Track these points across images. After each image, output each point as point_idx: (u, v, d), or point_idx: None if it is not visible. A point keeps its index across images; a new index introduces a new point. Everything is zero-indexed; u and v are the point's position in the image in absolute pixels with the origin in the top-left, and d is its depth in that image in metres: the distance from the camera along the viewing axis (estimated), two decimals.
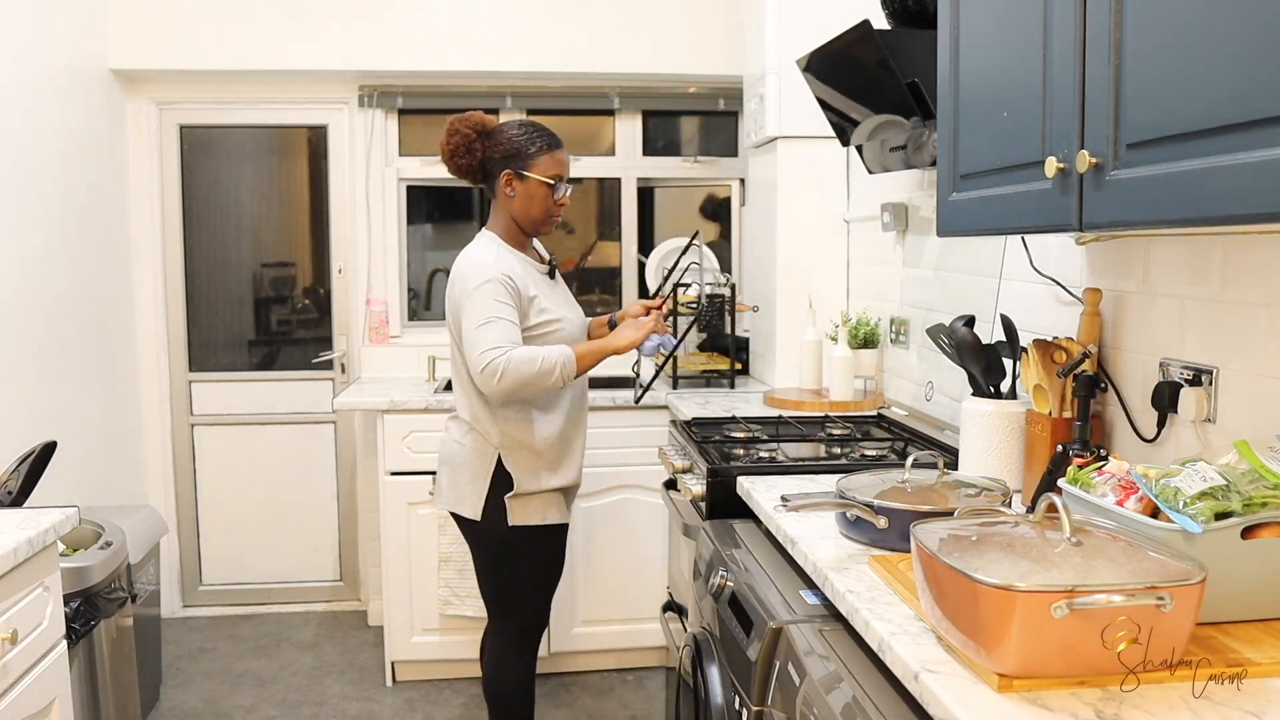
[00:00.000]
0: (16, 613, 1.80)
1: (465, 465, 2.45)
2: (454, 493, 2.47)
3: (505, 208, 2.44)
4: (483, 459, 2.43)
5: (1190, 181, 1.11)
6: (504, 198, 2.42)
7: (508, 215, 2.44)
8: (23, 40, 3.11)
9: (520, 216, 2.44)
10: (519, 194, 2.41)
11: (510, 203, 2.42)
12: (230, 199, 4.07)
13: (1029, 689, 1.09)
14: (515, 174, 2.39)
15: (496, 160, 2.40)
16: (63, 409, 3.30)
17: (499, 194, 2.43)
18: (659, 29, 3.83)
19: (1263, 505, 1.22)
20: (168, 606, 3.97)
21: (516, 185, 2.40)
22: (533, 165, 2.39)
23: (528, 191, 2.41)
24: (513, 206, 2.42)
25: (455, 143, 2.38)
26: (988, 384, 2.03)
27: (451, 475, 2.48)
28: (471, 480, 2.44)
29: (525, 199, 2.41)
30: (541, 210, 2.43)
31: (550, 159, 2.41)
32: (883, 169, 2.65)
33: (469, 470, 2.44)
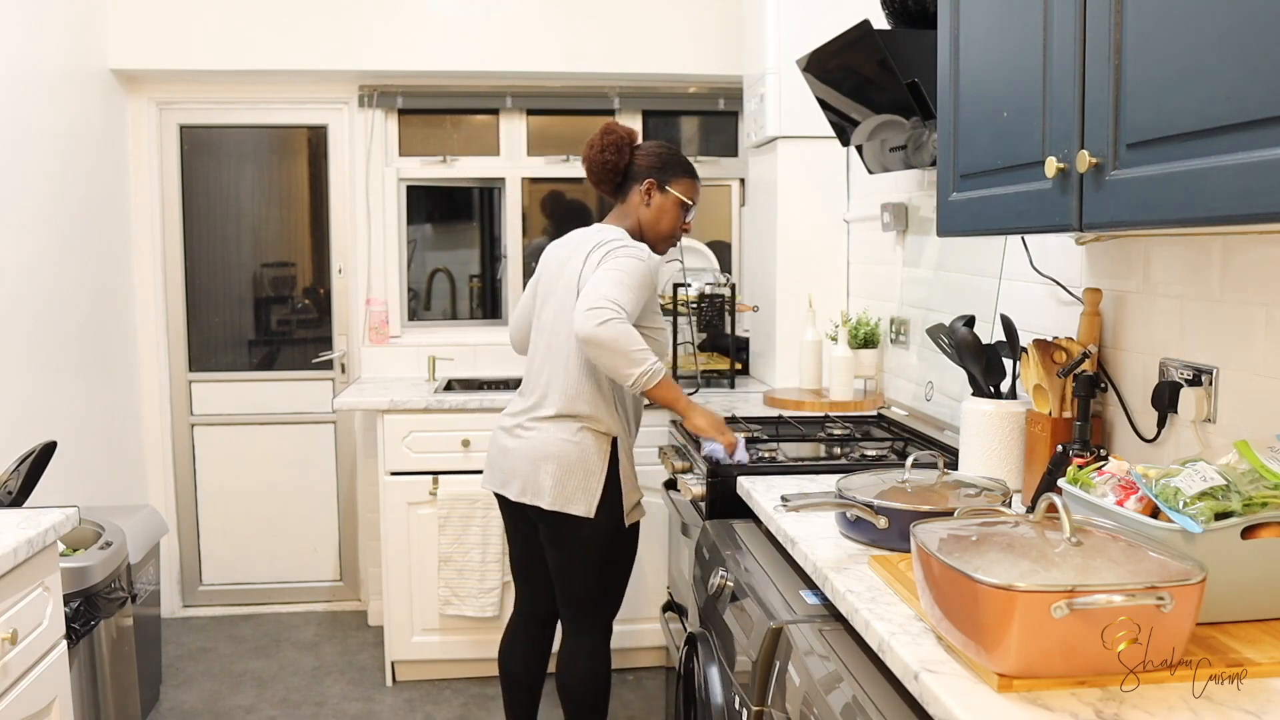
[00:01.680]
0: (16, 613, 1.80)
1: (580, 462, 2.40)
2: (562, 491, 2.40)
3: (634, 214, 2.52)
4: (600, 456, 2.42)
5: (1190, 181, 1.11)
6: (637, 204, 2.52)
7: (635, 222, 2.52)
8: (22, 40, 3.11)
9: (648, 226, 2.52)
10: (654, 205, 2.51)
11: (642, 211, 2.51)
12: (230, 199, 4.07)
13: (1029, 689, 1.09)
14: (657, 185, 2.50)
15: (643, 168, 2.51)
16: (62, 409, 3.30)
17: (632, 199, 2.52)
18: (659, 29, 3.83)
19: (1263, 505, 1.22)
20: (168, 606, 3.97)
21: (655, 196, 2.50)
22: (675, 182, 2.52)
23: (663, 205, 2.51)
24: (644, 215, 2.52)
25: (611, 140, 2.48)
26: (988, 384, 2.03)
27: (561, 473, 2.40)
28: (585, 478, 2.40)
29: (658, 211, 2.51)
30: (669, 227, 2.53)
31: (691, 183, 2.55)
32: (883, 169, 2.65)
33: (583, 469, 2.40)
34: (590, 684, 2.56)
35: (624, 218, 2.54)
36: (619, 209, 2.56)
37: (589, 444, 2.41)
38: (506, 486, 2.50)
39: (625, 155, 2.50)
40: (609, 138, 2.49)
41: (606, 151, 2.49)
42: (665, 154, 2.53)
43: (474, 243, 4.25)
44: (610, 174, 2.52)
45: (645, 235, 2.52)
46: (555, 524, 2.45)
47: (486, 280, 4.24)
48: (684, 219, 2.55)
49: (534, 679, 2.72)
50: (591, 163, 2.51)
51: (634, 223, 2.53)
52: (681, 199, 2.52)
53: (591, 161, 2.51)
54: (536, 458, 2.43)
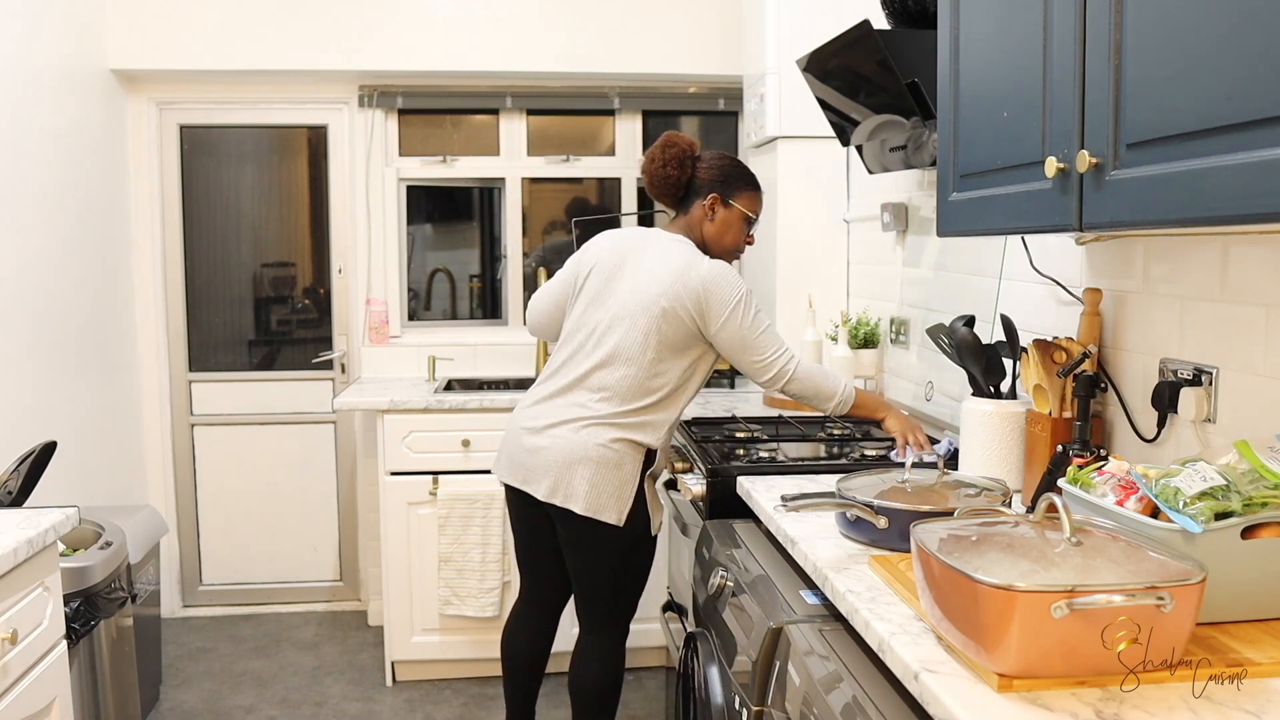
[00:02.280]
0: (16, 613, 1.80)
1: (615, 471, 2.36)
2: (596, 498, 2.36)
3: (697, 228, 2.47)
4: (634, 465, 2.39)
5: (1190, 181, 1.11)
6: (700, 218, 2.46)
7: (698, 236, 2.47)
8: (22, 40, 3.11)
9: (712, 240, 2.47)
10: (719, 219, 2.45)
11: (706, 225, 2.46)
12: (230, 199, 4.07)
13: (1029, 689, 1.09)
14: (721, 199, 2.44)
15: (705, 182, 2.45)
16: (62, 409, 3.30)
17: (695, 214, 2.47)
18: (659, 29, 3.83)
19: (1263, 505, 1.22)
20: (168, 606, 3.97)
21: (719, 210, 2.45)
22: (739, 196, 2.46)
23: (727, 219, 2.46)
24: (708, 229, 2.46)
25: (673, 154, 2.42)
26: (988, 384, 2.03)
27: (597, 480, 2.36)
28: (620, 486, 2.37)
29: (722, 225, 2.46)
30: (734, 241, 2.48)
31: (755, 195, 2.49)
32: (883, 169, 2.65)
33: (618, 477, 2.37)
34: (602, 684, 2.55)
35: (688, 230, 2.48)
36: (681, 220, 2.49)
37: (626, 453, 2.37)
38: (530, 484, 2.43)
39: (688, 169, 2.45)
40: (671, 151, 2.43)
41: (669, 165, 2.43)
42: (729, 166, 2.48)
43: (474, 243, 4.25)
44: (673, 187, 2.46)
45: (709, 249, 2.47)
46: (582, 528, 2.40)
47: (486, 280, 4.24)
48: (747, 232, 2.50)
49: (536, 662, 2.71)
50: (652, 176, 2.45)
51: (698, 236, 2.47)
52: (745, 213, 2.47)
53: (652, 175, 2.45)
54: (572, 460, 2.36)
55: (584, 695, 2.55)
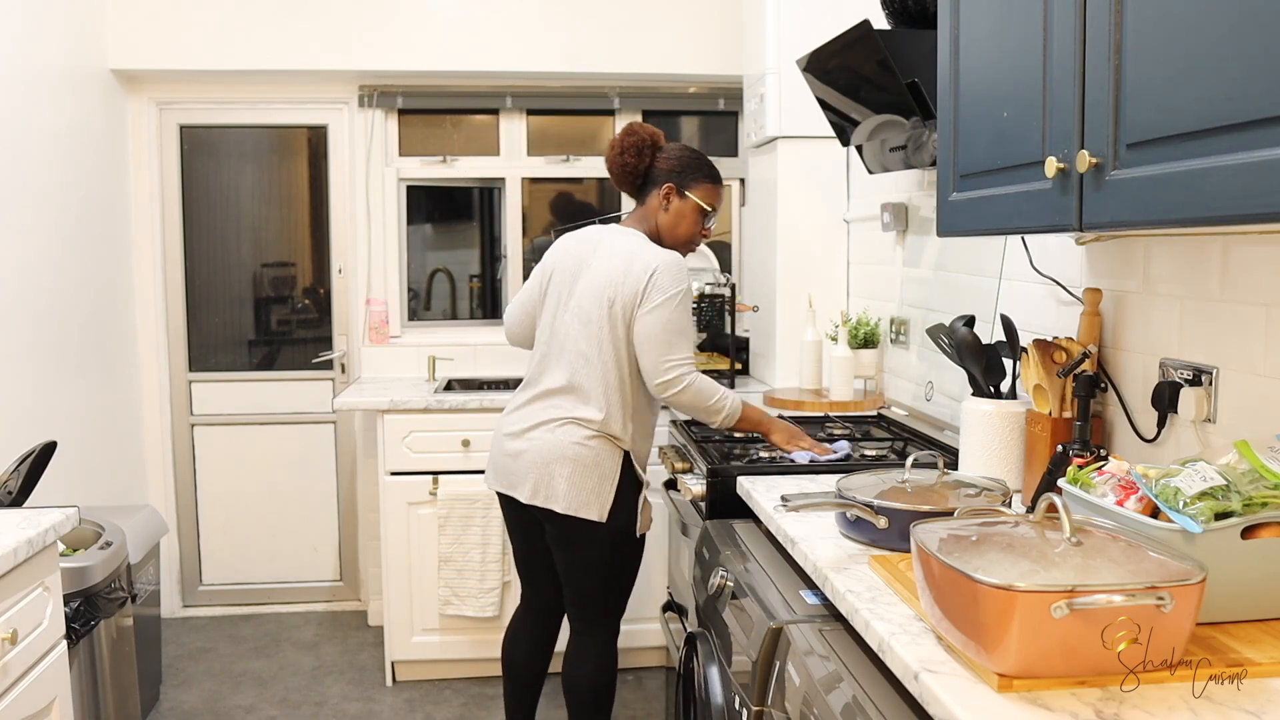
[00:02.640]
0: (16, 613, 1.80)
1: (594, 467, 2.39)
2: (577, 495, 2.39)
3: (652, 218, 2.50)
4: (613, 462, 2.41)
5: (1190, 181, 1.11)
6: (655, 208, 2.49)
7: (653, 226, 2.50)
8: (23, 40, 3.11)
9: (665, 231, 2.49)
10: (673, 209, 2.48)
11: (660, 215, 2.49)
12: (230, 199, 4.07)
13: (1029, 689, 1.09)
14: (676, 189, 2.47)
15: (663, 171, 2.47)
16: (63, 409, 3.30)
17: (651, 203, 2.50)
18: (659, 29, 3.83)
19: (1263, 505, 1.22)
20: (168, 606, 3.97)
21: (674, 200, 2.47)
22: (695, 188, 2.48)
23: (681, 210, 2.48)
24: (662, 219, 2.49)
25: (631, 142, 2.46)
26: (988, 384, 2.03)
27: (575, 478, 2.39)
28: (600, 482, 2.40)
29: (676, 216, 2.48)
30: (687, 232, 2.50)
31: (712, 188, 2.51)
32: (883, 169, 2.65)
33: (597, 473, 2.39)
34: (597, 683, 2.56)
35: (642, 220, 2.52)
36: (638, 211, 2.54)
37: (603, 450, 2.40)
38: (515, 489, 2.47)
39: (646, 158, 2.48)
40: (630, 139, 2.47)
41: (626, 153, 2.46)
42: (687, 157, 2.49)
43: (474, 243, 4.25)
44: (630, 176, 2.50)
45: (663, 240, 2.50)
46: (566, 526, 2.43)
47: (486, 280, 4.24)
48: (703, 225, 2.52)
49: (537, 671, 2.72)
50: (611, 164, 2.50)
51: (652, 227, 2.50)
52: (701, 205, 2.48)
53: (611, 163, 2.50)
54: (549, 460, 2.40)
55: (579, 695, 2.56)
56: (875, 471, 1.82)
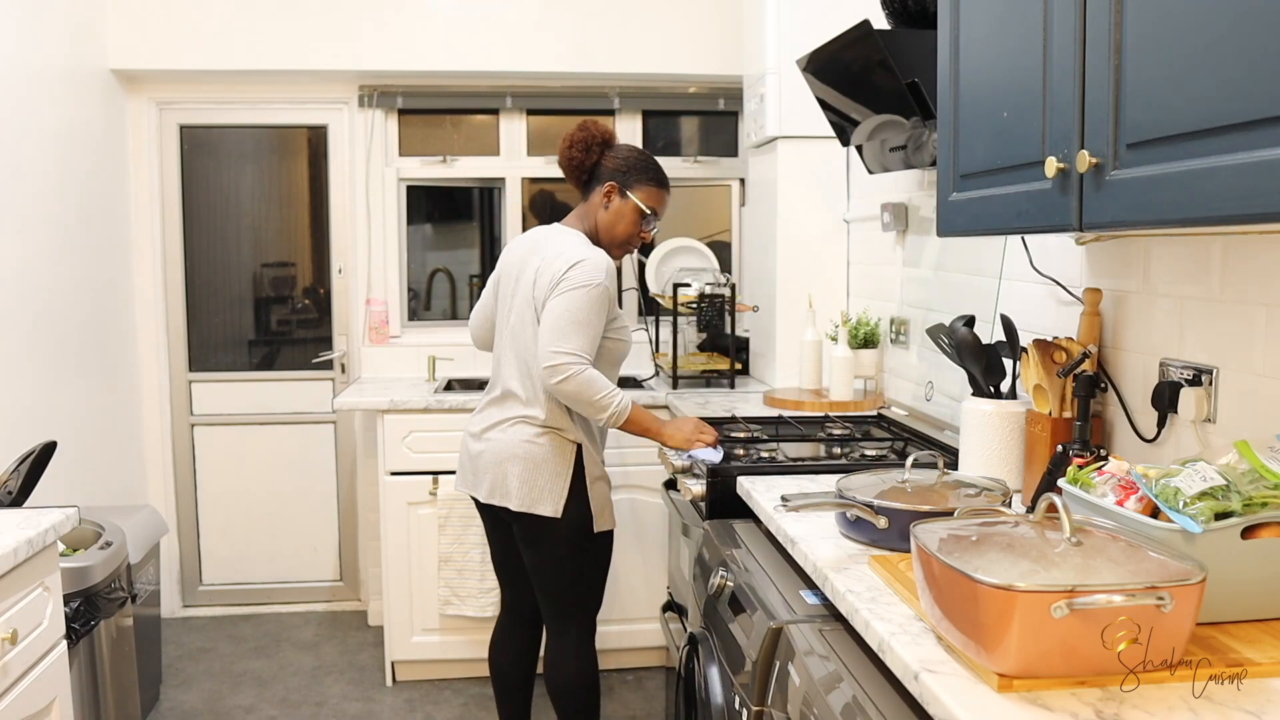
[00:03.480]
0: (16, 613, 1.80)
1: (545, 463, 2.43)
2: (529, 493, 2.43)
3: (592, 215, 2.51)
4: (564, 458, 2.44)
5: (1190, 181, 1.11)
6: (596, 206, 2.50)
7: (592, 224, 2.51)
8: (23, 40, 3.11)
9: (604, 230, 2.50)
10: (612, 209, 2.48)
11: (600, 213, 2.49)
12: (230, 199, 4.07)
13: (1029, 689, 1.09)
14: (618, 189, 2.48)
15: (608, 170, 2.48)
16: (63, 409, 3.30)
17: (592, 200, 2.51)
18: (659, 29, 3.83)
19: (1263, 505, 1.22)
20: (168, 606, 3.97)
21: (614, 199, 2.48)
22: (637, 189, 2.48)
23: (620, 210, 2.48)
24: (601, 217, 2.49)
25: (581, 137, 2.46)
26: (988, 384, 2.03)
27: (526, 475, 2.43)
28: (552, 479, 2.43)
29: (615, 215, 2.49)
30: (625, 233, 2.50)
31: (655, 192, 2.50)
32: (883, 169, 2.65)
33: (549, 469, 2.43)
34: (578, 684, 2.56)
35: (583, 218, 2.53)
36: (580, 208, 2.55)
37: (552, 446, 2.43)
38: (476, 489, 2.54)
39: (594, 155, 2.48)
40: (580, 134, 2.48)
41: (574, 148, 2.47)
42: (634, 158, 2.50)
43: (474, 243, 4.25)
44: (576, 171, 2.50)
45: (600, 238, 2.50)
46: (525, 524, 2.46)
47: (486, 280, 4.24)
48: (643, 227, 2.52)
49: (524, 676, 2.73)
50: (560, 157, 2.51)
51: (591, 224, 2.51)
52: (642, 206, 2.49)
53: (560, 156, 2.51)
54: (502, 459, 2.45)
55: (563, 699, 2.58)
56: (876, 471, 1.82)
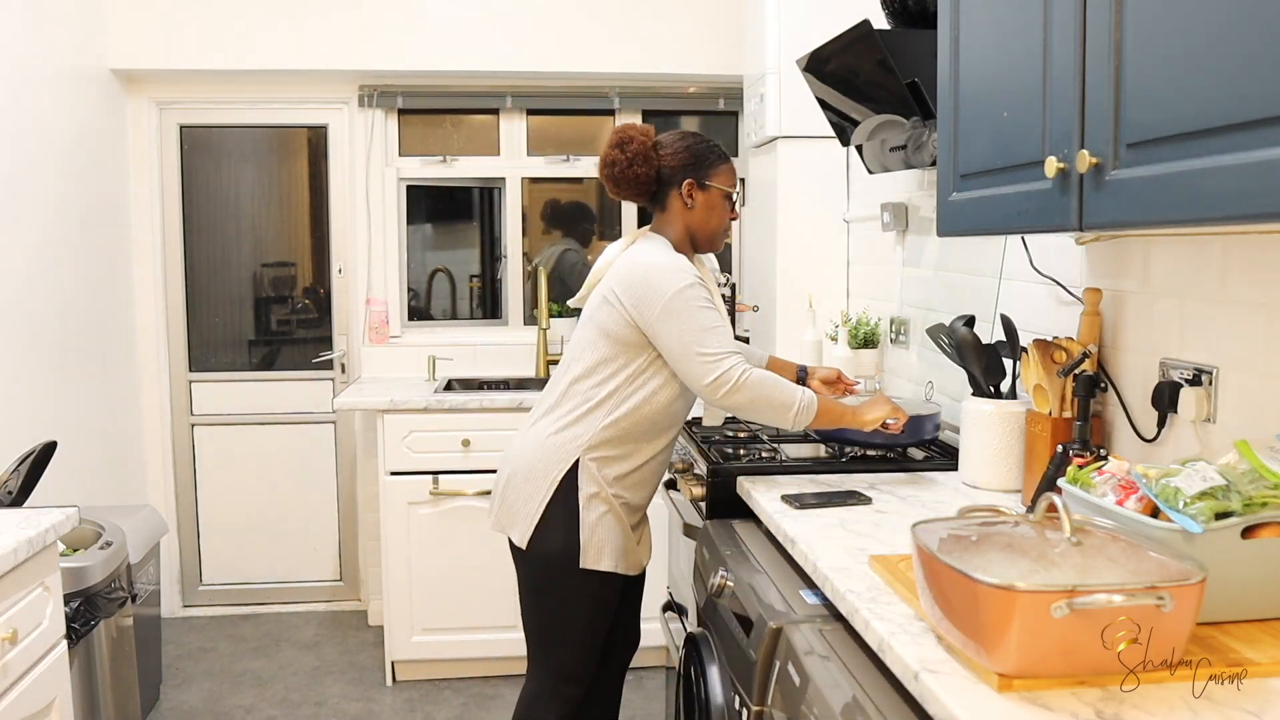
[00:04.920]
0: (16, 613, 1.80)
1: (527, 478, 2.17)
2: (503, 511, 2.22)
3: (681, 220, 2.24)
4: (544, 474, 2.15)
5: (1190, 181, 1.11)
6: (680, 209, 2.23)
7: (683, 227, 2.24)
8: (23, 40, 3.11)
9: (700, 228, 2.25)
10: (700, 205, 2.22)
11: (689, 214, 2.23)
12: (230, 199, 4.07)
13: (1029, 689, 1.09)
14: (697, 183, 2.22)
15: (676, 170, 2.22)
16: (63, 409, 3.30)
17: (673, 206, 2.23)
18: (659, 29, 3.83)
19: (1263, 505, 1.22)
20: (168, 606, 3.97)
21: (698, 196, 2.22)
22: (714, 175, 2.24)
23: (710, 202, 2.23)
24: (692, 218, 2.23)
25: (634, 151, 2.19)
26: (988, 384, 2.03)
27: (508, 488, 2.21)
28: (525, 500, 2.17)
29: (707, 210, 2.23)
30: (719, 222, 2.26)
31: (729, 170, 2.27)
32: (883, 169, 2.65)
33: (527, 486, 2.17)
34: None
35: (668, 225, 2.25)
36: (661, 218, 2.27)
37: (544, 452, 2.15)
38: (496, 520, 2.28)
39: (654, 162, 2.22)
40: (632, 148, 2.20)
41: (635, 164, 2.20)
42: (694, 146, 2.25)
43: (474, 243, 4.25)
44: (644, 187, 2.23)
45: (697, 237, 2.26)
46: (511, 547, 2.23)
47: (486, 280, 4.24)
48: (731, 209, 2.28)
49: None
50: (619, 180, 2.22)
51: (681, 229, 2.24)
52: (724, 189, 2.24)
53: (619, 178, 2.22)
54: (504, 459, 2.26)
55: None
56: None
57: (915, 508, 1.89)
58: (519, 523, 2.16)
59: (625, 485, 2.18)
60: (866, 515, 1.84)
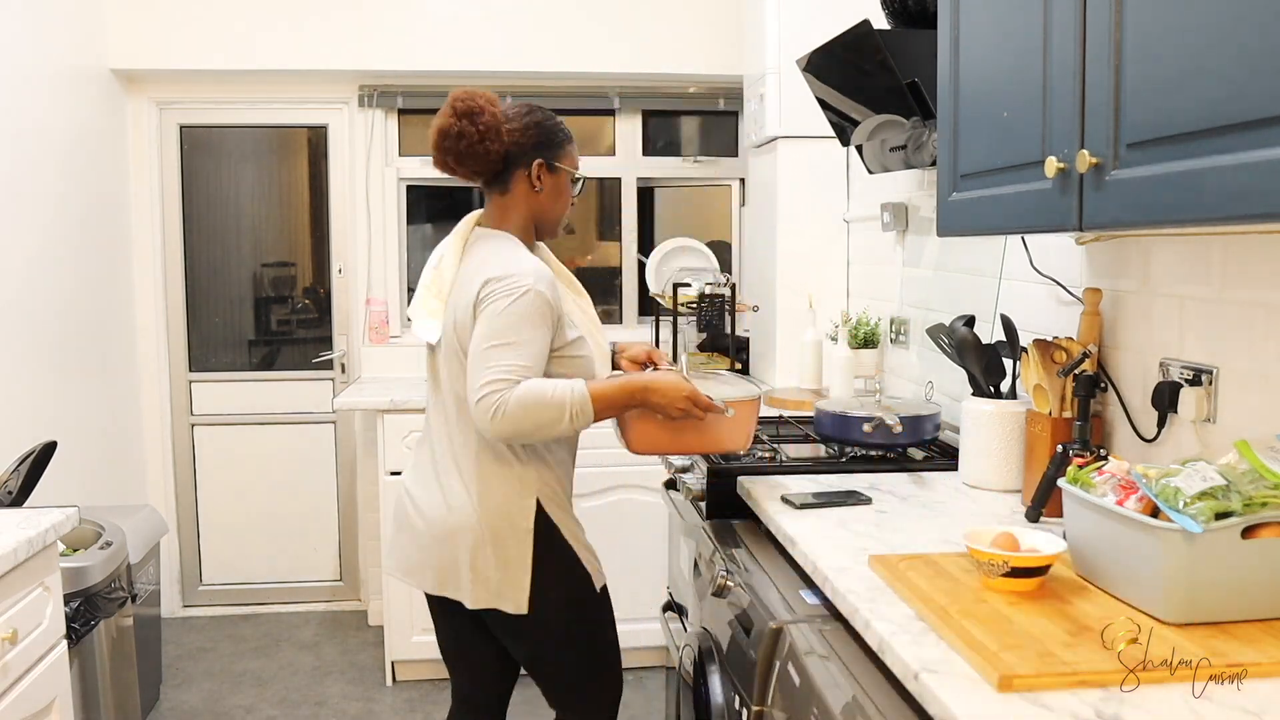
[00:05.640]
0: (16, 613, 1.80)
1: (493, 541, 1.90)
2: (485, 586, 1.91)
3: (525, 204, 2.00)
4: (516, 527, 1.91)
5: (1190, 181, 1.11)
6: (524, 192, 1.99)
7: (527, 212, 2.01)
8: (23, 40, 3.11)
9: (545, 214, 2.03)
10: (548, 188, 2.00)
11: (534, 198, 2.00)
12: (230, 199, 4.07)
13: (1029, 688, 1.09)
14: (547, 165, 2.00)
15: (526, 148, 1.97)
16: (63, 409, 3.30)
17: (517, 188, 1.99)
18: (659, 29, 3.83)
19: (1263, 505, 1.22)
20: (168, 606, 3.97)
21: (546, 179, 2.00)
22: (563, 156, 2.03)
23: (558, 186, 2.02)
24: (538, 203, 2.00)
25: (485, 123, 1.91)
26: (988, 384, 2.03)
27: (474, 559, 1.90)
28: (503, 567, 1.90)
29: (554, 194, 2.02)
30: (565, 208, 2.06)
31: (574, 150, 2.07)
32: (883, 169, 2.65)
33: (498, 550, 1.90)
34: None
35: (510, 211, 2.00)
36: (499, 202, 2.01)
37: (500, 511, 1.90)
38: (411, 574, 2.00)
39: (501, 136, 1.95)
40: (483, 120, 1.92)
41: (488, 139, 1.92)
42: (543, 123, 2.01)
43: None
44: (492, 165, 1.96)
45: (541, 226, 2.04)
46: (495, 619, 1.95)
47: None
48: (575, 193, 2.08)
49: None
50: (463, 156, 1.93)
51: (525, 215, 2.01)
52: (572, 173, 2.05)
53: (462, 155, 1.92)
54: (445, 534, 1.92)
55: None
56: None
57: (915, 508, 1.89)
58: (508, 593, 1.91)
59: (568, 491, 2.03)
60: (866, 515, 1.84)
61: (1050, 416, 1.84)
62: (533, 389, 1.78)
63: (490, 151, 1.94)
